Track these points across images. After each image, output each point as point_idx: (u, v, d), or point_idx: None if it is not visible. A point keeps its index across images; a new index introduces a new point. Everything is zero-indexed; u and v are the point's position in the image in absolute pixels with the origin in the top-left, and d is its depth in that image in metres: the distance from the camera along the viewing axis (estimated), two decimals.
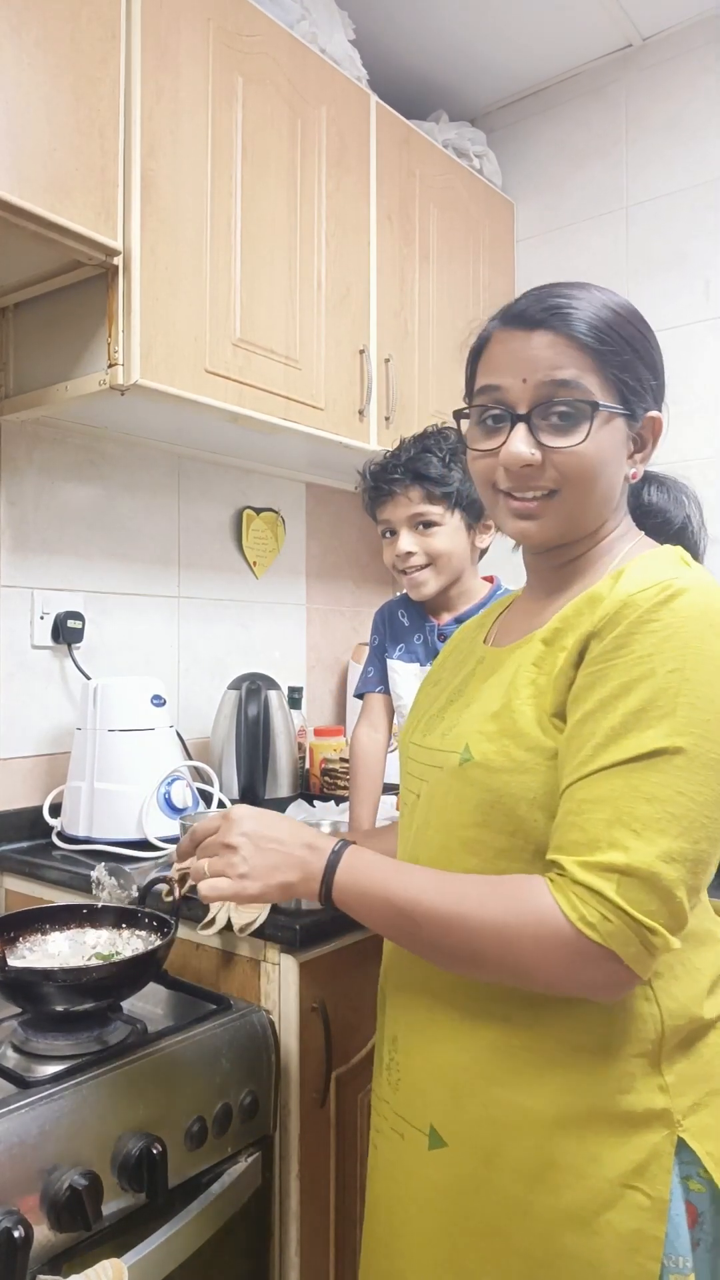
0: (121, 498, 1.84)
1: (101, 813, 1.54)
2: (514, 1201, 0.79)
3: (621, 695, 0.73)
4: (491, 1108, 0.81)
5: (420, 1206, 0.85)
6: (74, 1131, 0.93)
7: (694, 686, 0.72)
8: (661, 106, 2.14)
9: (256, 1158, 1.13)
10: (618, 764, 0.72)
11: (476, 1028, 0.82)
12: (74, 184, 1.30)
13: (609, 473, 0.83)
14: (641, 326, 0.85)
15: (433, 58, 2.17)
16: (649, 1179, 0.76)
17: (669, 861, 0.70)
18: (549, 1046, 0.79)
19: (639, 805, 0.71)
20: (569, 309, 0.81)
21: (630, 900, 0.69)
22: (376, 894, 0.80)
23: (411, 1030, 0.88)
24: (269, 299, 1.61)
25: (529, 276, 2.33)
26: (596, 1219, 0.76)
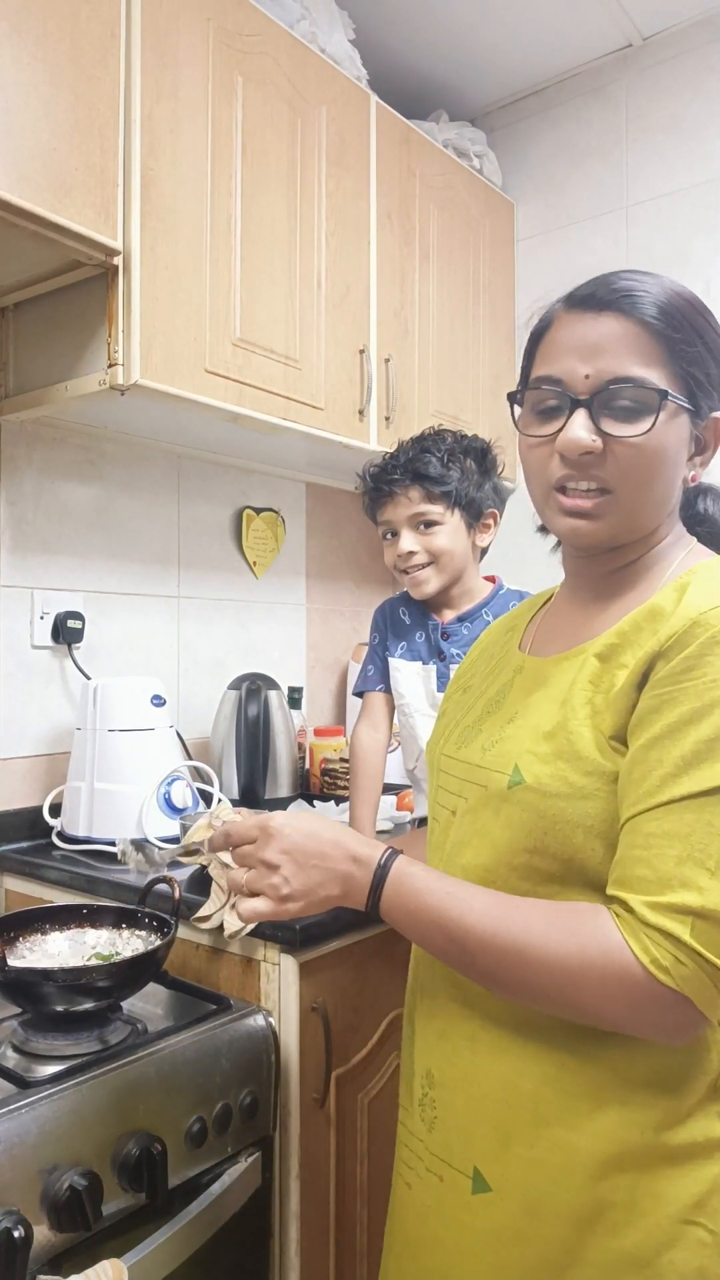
0: (121, 497, 1.84)
1: (101, 813, 1.54)
2: (565, 1248, 0.74)
3: (693, 721, 0.68)
4: (539, 1148, 0.76)
5: (464, 1254, 0.80)
6: (74, 1131, 0.93)
7: None
8: (662, 106, 2.14)
9: (256, 1158, 1.13)
10: (689, 796, 0.68)
11: (525, 1061, 0.77)
12: (74, 183, 1.30)
13: (668, 472, 0.77)
14: (711, 319, 0.79)
15: (433, 57, 2.17)
16: (710, 1213, 0.72)
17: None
18: (604, 1078, 0.74)
19: (714, 842, 0.67)
20: (640, 292, 0.76)
21: (706, 943, 0.66)
22: (426, 917, 0.75)
23: (451, 1065, 0.83)
24: (269, 299, 1.61)
25: (529, 276, 2.33)
26: (658, 1259, 0.72)
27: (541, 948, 0.70)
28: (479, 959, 0.73)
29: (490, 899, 0.75)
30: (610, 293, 0.78)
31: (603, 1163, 0.73)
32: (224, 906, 1.22)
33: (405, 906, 0.76)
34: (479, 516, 1.44)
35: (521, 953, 0.71)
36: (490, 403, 2.20)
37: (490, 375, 2.22)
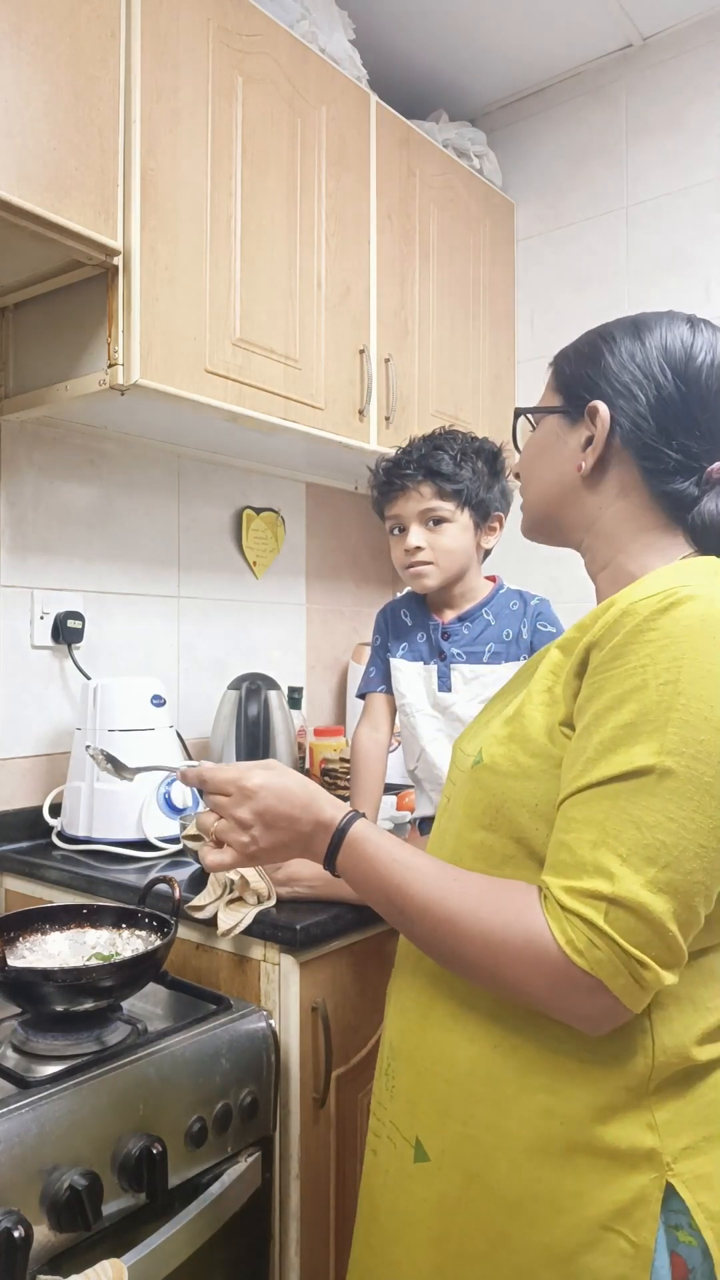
0: (121, 498, 1.84)
1: (101, 813, 1.54)
2: (495, 1229, 0.76)
3: (614, 708, 0.70)
4: (471, 1126, 0.78)
5: (408, 1219, 0.83)
6: (74, 1131, 0.93)
7: (687, 701, 0.68)
8: (662, 106, 2.14)
9: (256, 1158, 1.13)
10: (605, 781, 0.69)
11: (465, 1038, 0.80)
12: (73, 183, 1.30)
13: (542, 464, 0.89)
14: (609, 327, 0.88)
15: (433, 57, 2.17)
16: (633, 1224, 0.71)
17: (657, 892, 0.66)
18: (533, 1064, 0.76)
19: (626, 829, 0.67)
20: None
21: (620, 930, 0.66)
22: (375, 881, 0.80)
23: (407, 1038, 0.86)
24: (269, 298, 1.61)
25: (529, 276, 2.33)
26: (575, 1260, 0.72)
27: (472, 919, 0.73)
28: (417, 925, 0.77)
29: (435, 869, 0.78)
30: None
31: (526, 1150, 0.75)
32: (219, 899, 1.22)
33: (358, 869, 0.81)
34: (486, 518, 1.45)
35: (453, 922, 0.74)
36: (490, 402, 2.20)
37: (490, 375, 2.22)
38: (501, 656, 1.42)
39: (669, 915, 0.66)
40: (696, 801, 0.67)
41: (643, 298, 2.16)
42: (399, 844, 0.82)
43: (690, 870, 0.67)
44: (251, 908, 1.20)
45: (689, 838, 0.67)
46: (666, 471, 0.82)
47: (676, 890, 0.67)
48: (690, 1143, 0.74)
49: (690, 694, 0.68)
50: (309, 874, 1.22)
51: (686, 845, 0.67)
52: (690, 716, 0.68)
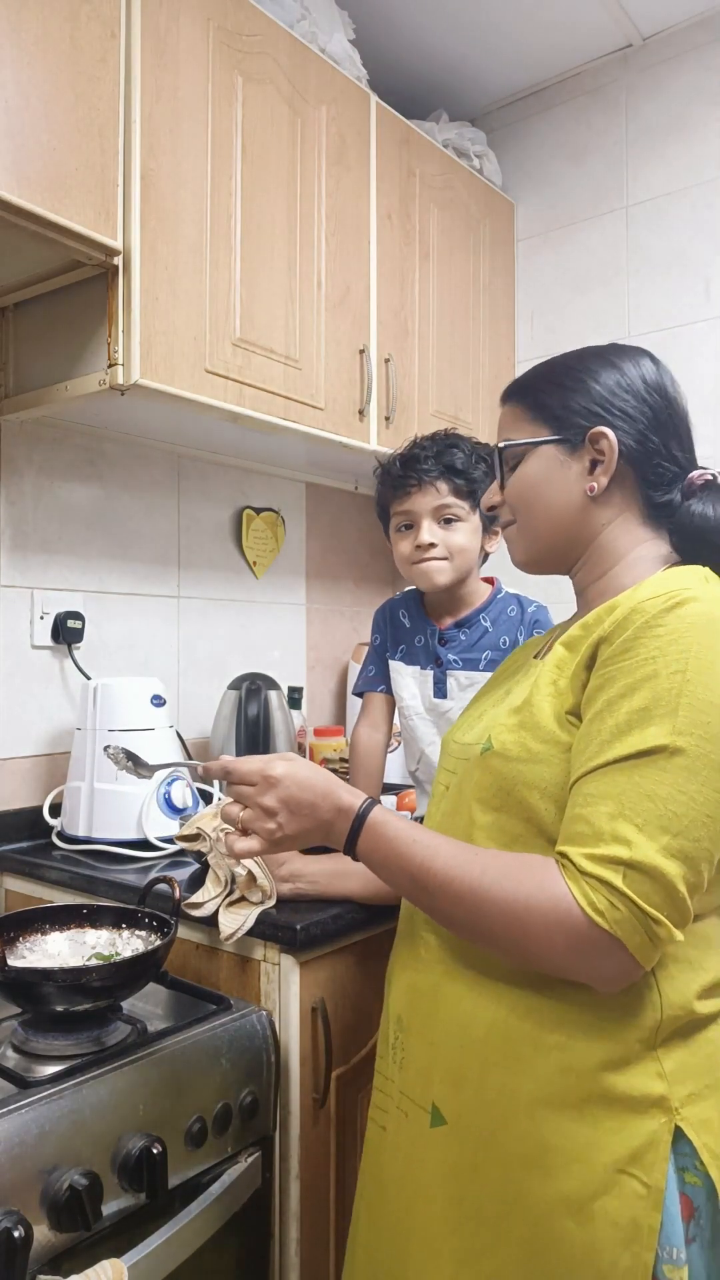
0: (121, 497, 1.84)
1: (101, 813, 1.54)
2: (512, 1187, 0.81)
3: (626, 695, 0.77)
4: (487, 1090, 0.83)
5: (424, 1186, 0.87)
6: (74, 1131, 0.93)
7: (695, 689, 0.75)
8: (662, 106, 2.14)
9: (256, 1158, 1.13)
10: (621, 759, 0.76)
11: (477, 1009, 0.85)
12: (73, 183, 1.30)
13: (544, 500, 0.92)
14: (572, 360, 0.95)
15: (433, 57, 2.17)
16: (645, 1166, 0.77)
17: (670, 857, 0.73)
18: (545, 1025, 0.81)
19: (641, 802, 0.74)
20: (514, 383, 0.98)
21: (637, 892, 0.72)
22: (395, 861, 0.84)
23: (416, 1012, 0.92)
24: (269, 298, 1.61)
25: (529, 276, 2.33)
26: (591, 1204, 0.77)
27: (494, 891, 0.78)
28: (438, 900, 0.82)
29: (454, 847, 0.83)
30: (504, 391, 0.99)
31: (544, 1104, 0.80)
32: (219, 896, 1.22)
33: (378, 850, 0.86)
34: (493, 521, 1.44)
35: (475, 894, 0.79)
36: (490, 402, 2.20)
37: (490, 375, 2.22)
38: (497, 664, 1.42)
39: (679, 878, 0.73)
40: (704, 776, 0.74)
41: (643, 297, 2.16)
42: (416, 826, 0.87)
43: (698, 838, 0.74)
44: (253, 908, 1.20)
45: (698, 809, 0.74)
46: (662, 483, 0.92)
47: (686, 856, 0.73)
48: (695, 1089, 0.79)
49: (698, 682, 0.75)
50: (312, 870, 1.23)
51: (695, 816, 0.74)
52: (698, 701, 0.75)
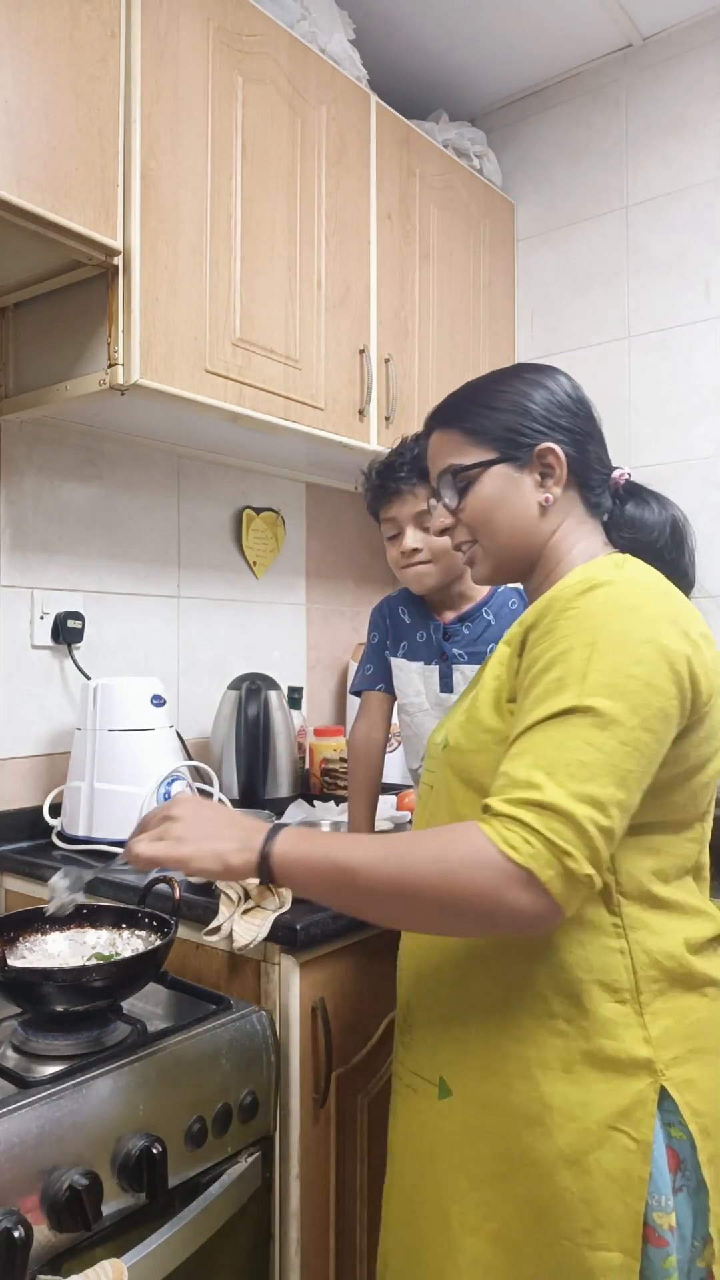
0: (121, 497, 1.84)
1: (101, 813, 1.54)
2: (516, 1145, 0.87)
3: (546, 670, 0.84)
4: (489, 1058, 0.90)
5: (431, 1154, 0.94)
6: (74, 1131, 0.93)
7: (603, 655, 0.81)
8: (662, 106, 2.14)
9: (256, 1158, 1.13)
10: (539, 722, 0.81)
11: (476, 988, 0.92)
12: (73, 183, 1.30)
13: (503, 515, 0.98)
14: (495, 384, 1.01)
15: (432, 58, 2.17)
16: (634, 1123, 0.84)
17: (578, 801, 0.77)
18: (536, 996, 0.87)
19: (552, 752, 0.80)
20: (437, 409, 1.04)
21: (549, 828, 0.76)
22: (317, 854, 0.85)
23: (421, 994, 0.98)
24: (269, 298, 1.61)
25: (529, 276, 2.33)
26: (587, 1158, 0.84)
27: (414, 850, 0.82)
28: (361, 875, 0.82)
29: (377, 837, 0.86)
30: (428, 419, 1.05)
31: (540, 1068, 0.87)
32: (232, 916, 1.22)
33: (297, 850, 0.85)
34: None
35: (399, 857, 0.81)
36: None
37: None
38: None
39: (588, 820, 0.77)
40: (611, 731, 0.79)
41: (643, 297, 2.16)
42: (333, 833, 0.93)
43: (605, 786, 0.78)
44: (268, 914, 1.20)
45: (605, 762, 0.79)
46: (596, 486, 1.01)
47: (595, 802, 0.78)
48: (678, 1053, 0.87)
49: (605, 652, 0.82)
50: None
51: (602, 764, 0.78)
52: (605, 668, 0.81)
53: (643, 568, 0.92)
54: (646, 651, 0.82)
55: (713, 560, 1.99)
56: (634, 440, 2.15)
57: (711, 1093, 0.87)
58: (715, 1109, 0.87)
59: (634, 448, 2.15)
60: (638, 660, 0.81)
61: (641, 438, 2.14)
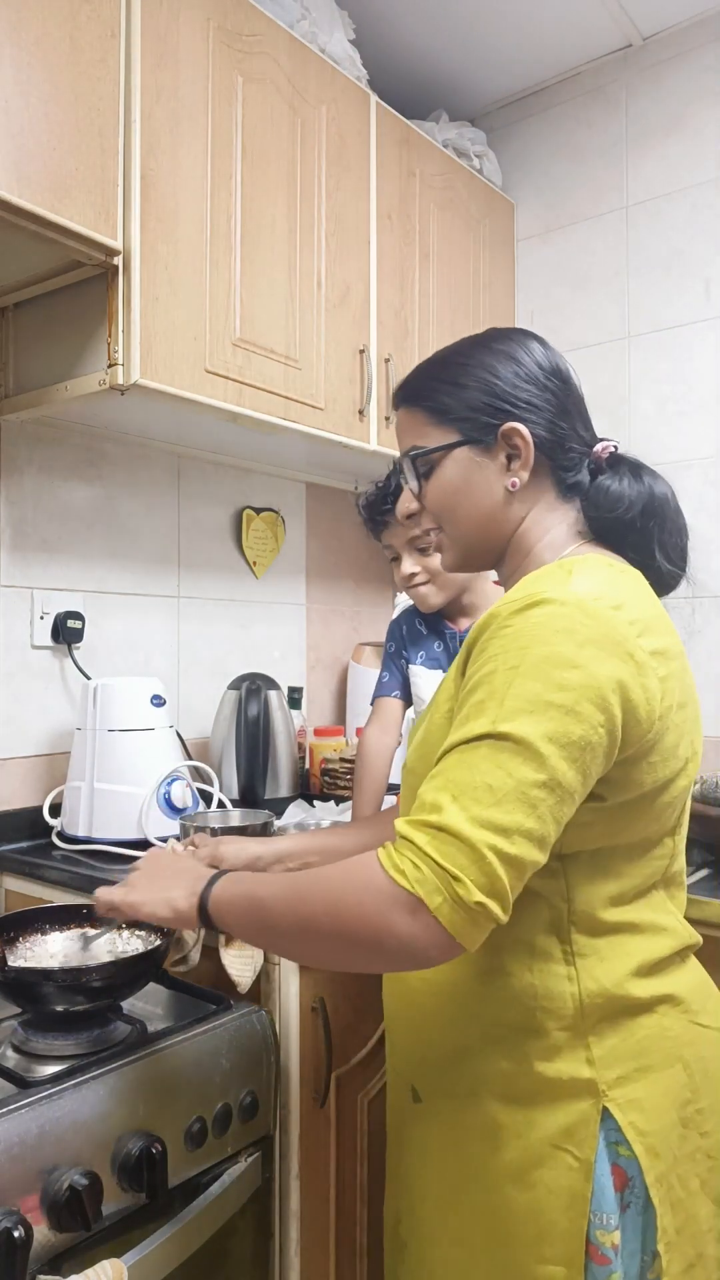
0: (121, 497, 1.84)
1: (101, 812, 1.54)
2: (470, 1159, 0.89)
3: (472, 691, 0.80)
4: (448, 1074, 0.90)
5: (415, 1159, 0.96)
6: (74, 1131, 0.93)
7: (525, 680, 0.77)
8: (662, 106, 2.14)
9: (256, 1157, 1.13)
10: (454, 746, 0.78)
11: (437, 1008, 0.92)
12: (73, 183, 1.30)
13: (467, 502, 0.94)
14: (461, 357, 0.94)
15: (432, 57, 2.17)
16: (577, 1142, 0.84)
17: (479, 826, 0.73)
18: (488, 1021, 0.87)
19: (461, 774, 0.76)
20: (402, 385, 0.99)
21: (440, 852, 0.73)
22: (240, 892, 0.86)
23: (395, 999, 0.98)
24: (269, 298, 1.61)
25: (529, 276, 2.33)
26: (531, 1174, 0.85)
27: (315, 882, 0.81)
28: (270, 910, 0.82)
29: (294, 874, 0.85)
30: (394, 393, 1.00)
31: (487, 1087, 0.87)
32: (196, 944, 1.22)
33: (227, 892, 0.88)
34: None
35: (299, 890, 0.81)
36: None
37: None
38: None
39: (485, 846, 0.72)
40: (523, 758, 0.75)
41: (642, 297, 2.16)
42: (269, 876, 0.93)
43: (512, 813, 0.74)
44: (255, 950, 1.20)
45: (514, 789, 0.74)
46: (572, 465, 0.93)
47: (498, 829, 0.73)
48: (624, 1073, 0.85)
49: (527, 677, 0.77)
50: None
51: (511, 793, 0.74)
52: (524, 692, 0.76)
53: (593, 577, 0.83)
54: (571, 678, 0.76)
55: (712, 560, 1.99)
56: (633, 440, 2.15)
57: (659, 1110, 0.86)
58: (662, 1127, 0.86)
59: (633, 448, 2.12)
60: (560, 687, 0.76)
61: (641, 437, 2.14)
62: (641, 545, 0.91)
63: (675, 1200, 0.86)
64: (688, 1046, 0.88)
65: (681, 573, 0.94)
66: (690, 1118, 0.88)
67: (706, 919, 1.37)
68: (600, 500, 0.92)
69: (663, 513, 0.92)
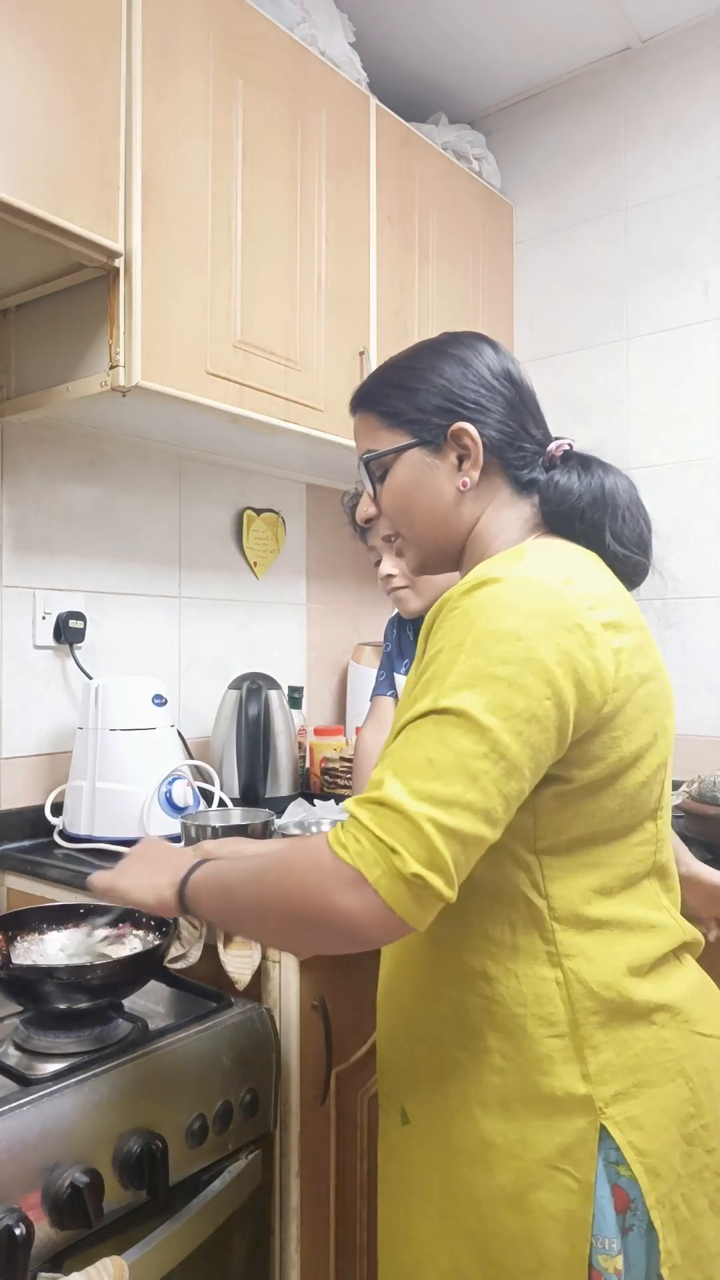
0: (122, 498, 1.84)
1: (103, 811, 1.55)
2: (461, 1182, 0.85)
3: (420, 674, 0.81)
4: (435, 1092, 0.87)
5: (405, 1181, 0.92)
6: (75, 1129, 0.93)
7: (468, 656, 0.77)
8: (661, 108, 2.15)
9: (257, 1155, 1.13)
10: (402, 726, 0.78)
11: (421, 1008, 0.90)
12: (75, 186, 1.30)
13: (421, 502, 0.94)
14: (411, 361, 0.96)
15: (432, 60, 2.18)
16: (575, 1162, 0.80)
17: (419, 799, 0.72)
18: (476, 1022, 0.85)
19: (405, 751, 0.76)
20: (358, 392, 1.00)
21: (380, 826, 0.73)
22: (214, 880, 0.86)
23: (385, 1014, 0.97)
24: (269, 300, 1.61)
25: (528, 278, 2.34)
26: (527, 1197, 0.81)
27: (268, 862, 0.81)
28: (235, 891, 0.83)
29: (258, 858, 0.85)
30: (351, 400, 1.01)
31: (479, 1105, 0.84)
32: (199, 940, 1.22)
33: (204, 876, 0.87)
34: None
35: (254, 870, 0.81)
36: None
37: None
38: None
39: (423, 819, 0.72)
40: (463, 730, 0.74)
41: (641, 298, 2.16)
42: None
43: (451, 785, 0.73)
44: (253, 947, 1.19)
45: (454, 761, 0.73)
46: (524, 463, 0.93)
47: (438, 801, 0.72)
48: (621, 1089, 0.82)
49: (470, 653, 0.77)
50: None
51: (451, 766, 0.73)
52: (467, 669, 0.76)
53: (544, 558, 0.84)
54: (513, 650, 0.76)
55: (711, 560, 1.99)
56: (632, 441, 2.16)
57: (659, 1128, 0.82)
58: (663, 1147, 0.82)
59: (632, 448, 2.15)
60: (503, 660, 0.75)
61: (640, 438, 2.15)
62: (591, 534, 0.91)
63: (680, 1221, 0.83)
64: (688, 1058, 0.85)
65: (641, 559, 0.93)
66: (695, 1134, 0.84)
67: None
68: (551, 494, 0.92)
69: (613, 503, 0.92)
